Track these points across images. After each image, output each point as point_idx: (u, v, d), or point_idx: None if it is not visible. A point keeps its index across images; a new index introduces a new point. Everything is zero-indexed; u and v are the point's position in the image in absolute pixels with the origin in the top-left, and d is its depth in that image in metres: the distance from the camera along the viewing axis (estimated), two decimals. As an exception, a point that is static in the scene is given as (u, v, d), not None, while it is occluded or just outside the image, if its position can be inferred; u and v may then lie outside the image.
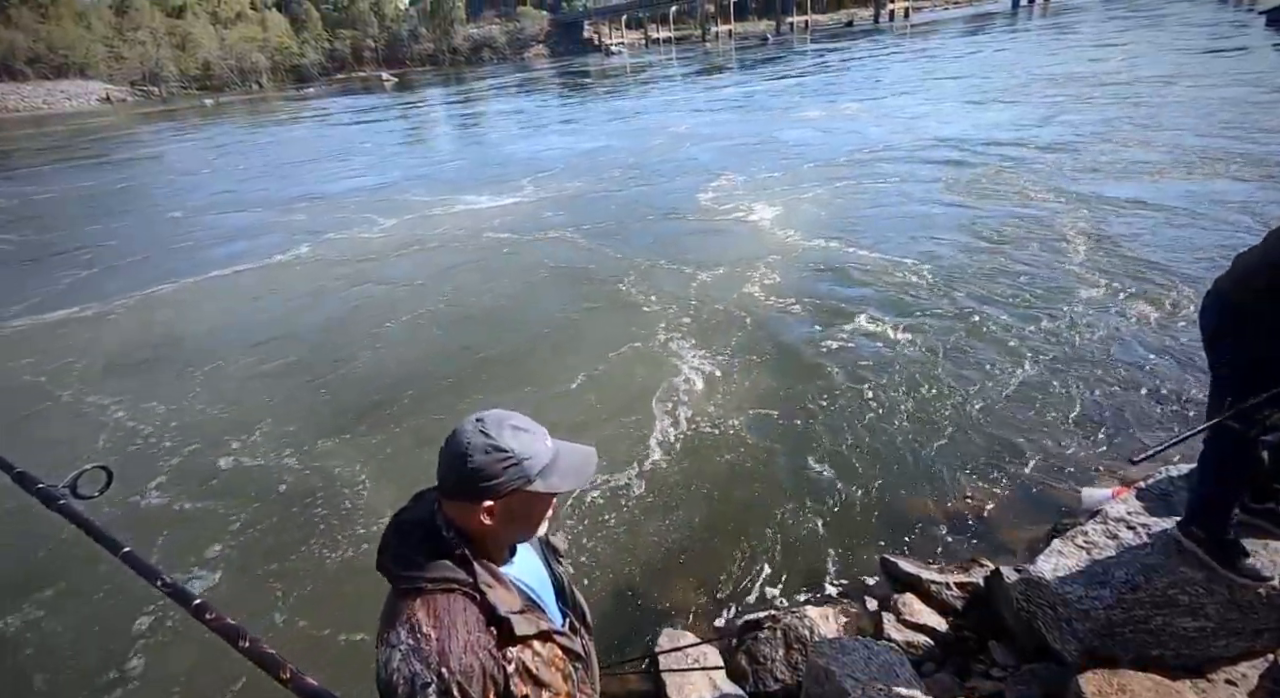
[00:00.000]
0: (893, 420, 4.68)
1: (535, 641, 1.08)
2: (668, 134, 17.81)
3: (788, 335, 6.12)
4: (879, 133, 14.46)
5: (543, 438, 1.08)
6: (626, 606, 3.38)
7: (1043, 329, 5.70)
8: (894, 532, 3.69)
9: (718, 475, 4.33)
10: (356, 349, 6.74)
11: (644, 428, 4.91)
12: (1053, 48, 26.95)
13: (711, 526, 3.89)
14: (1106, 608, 2.46)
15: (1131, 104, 13.93)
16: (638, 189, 12.33)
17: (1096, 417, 4.47)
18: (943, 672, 2.66)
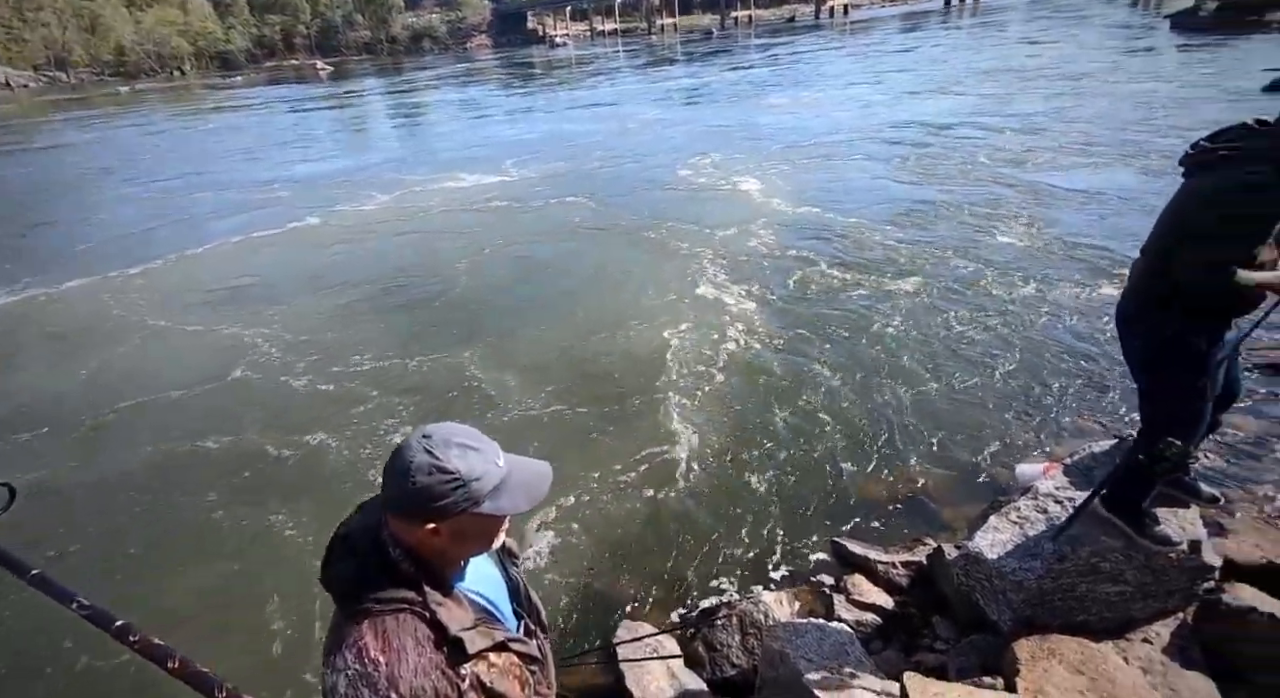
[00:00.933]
0: (840, 407, 4.83)
1: (490, 653, 1.05)
2: (635, 121, 17.95)
3: (745, 325, 6.27)
4: (835, 120, 15.20)
5: (493, 456, 1.04)
6: (585, 599, 3.39)
7: (979, 312, 5.99)
8: (844, 516, 3.82)
9: (673, 469, 4.37)
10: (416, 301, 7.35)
11: (602, 421, 4.92)
12: (984, 44, 28.14)
13: (668, 518, 3.93)
14: (1038, 578, 2.61)
15: (1056, 96, 14.88)
16: (621, 167, 12.81)
17: (1029, 397, 4.72)
18: (890, 648, 2.77)
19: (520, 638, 1.15)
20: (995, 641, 2.63)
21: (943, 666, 2.60)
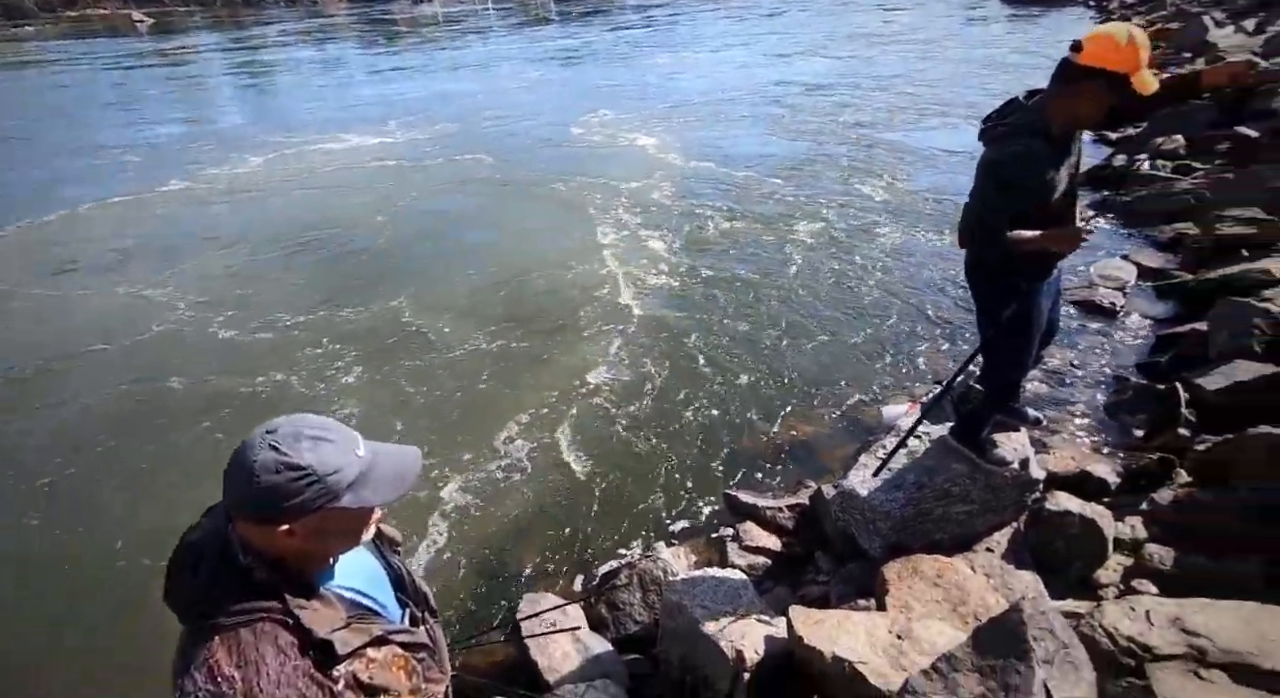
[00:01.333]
0: (730, 362, 5.04)
1: (369, 649, 1.00)
2: (518, 81, 17.30)
3: (644, 280, 6.41)
4: (717, 79, 15.68)
5: (351, 447, 0.98)
6: (487, 576, 3.36)
7: (851, 263, 6.46)
8: (735, 468, 4.02)
9: (570, 435, 4.38)
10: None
11: (496, 401, 4.81)
12: (845, 10, 29.47)
13: (565, 488, 3.95)
14: (901, 507, 2.90)
15: (910, 60, 16.12)
16: (513, 126, 12.52)
17: (894, 343, 5.16)
18: (780, 586, 2.99)
19: (404, 628, 1.11)
20: (868, 567, 2.90)
21: (825, 596, 2.85)
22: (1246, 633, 1.87)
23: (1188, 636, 1.94)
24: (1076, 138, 2.17)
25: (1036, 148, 2.03)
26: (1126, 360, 4.53)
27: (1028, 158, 2.03)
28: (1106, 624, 2.07)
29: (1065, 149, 2.11)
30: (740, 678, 2.07)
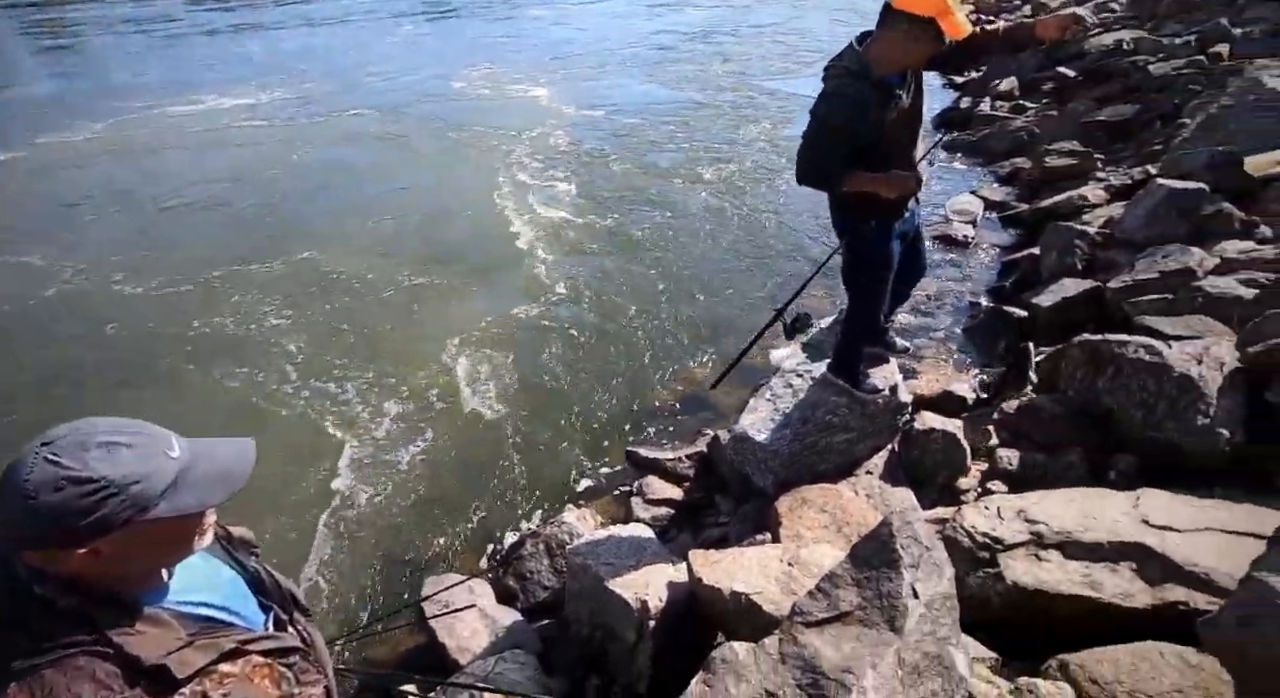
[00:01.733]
0: (626, 318, 5.05)
1: (221, 664, 0.91)
2: (388, 35, 16.12)
3: (542, 228, 6.38)
4: (599, 31, 15.52)
5: (158, 449, 0.86)
6: (386, 563, 3.22)
7: (736, 209, 6.67)
8: (636, 425, 4.06)
9: (465, 411, 4.24)
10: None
11: (380, 376, 4.55)
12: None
13: (464, 463, 3.83)
14: (789, 443, 3.05)
15: (781, 7, 16.49)
16: (394, 81, 11.97)
17: (777, 287, 5.36)
18: (683, 533, 3.09)
19: (266, 634, 1.03)
20: (762, 503, 3.05)
21: (725, 537, 2.97)
22: (1073, 514, 2.14)
23: (1029, 524, 2.20)
24: (910, 80, 2.23)
25: (861, 90, 2.09)
26: (979, 287, 4.98)
27: (850, 100, 2.10)
28: (966, 525, 2.29)
29: (893, 92, 2.17)
30: (646, 626, 2.12)
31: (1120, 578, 1.93)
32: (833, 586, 1.77)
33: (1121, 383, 2.70)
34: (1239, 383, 2.50)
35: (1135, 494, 2.24)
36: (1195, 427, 2.43)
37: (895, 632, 1.59)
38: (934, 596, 1.69)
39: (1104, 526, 2.08)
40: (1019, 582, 2.02)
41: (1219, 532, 1.98)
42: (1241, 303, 3.06)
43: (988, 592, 2.07)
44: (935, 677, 1.55)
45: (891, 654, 1.53)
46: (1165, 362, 2.60)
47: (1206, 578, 1.82)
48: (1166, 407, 2.52)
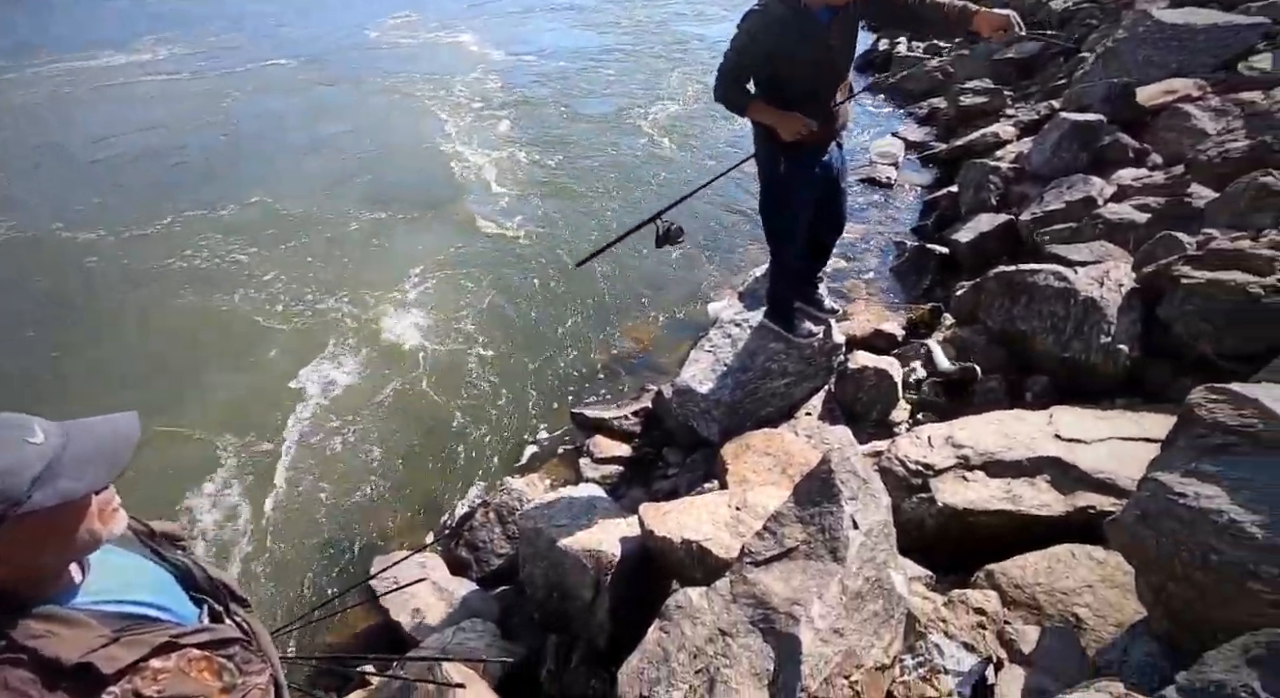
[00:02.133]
0: (561, 280, 4.96)
1: (151, 660, 0.87)
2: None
3: (468, 193, 6.22)
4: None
5: (17, 436, 0.79)
6: (334, 549, 3.12)
7: (673, 153, 6.63)
8: (580, 386, 4.03)
9: (402, 391, 4.09)
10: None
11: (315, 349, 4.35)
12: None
13: (407, 437, 3.72)
14: (731, 392, 3.10)
15: None
16: (306, 31, 11.60)
17: (708, 239, 5.36)
18: (634, 489, 3.12)
19: (200, 627, 1.00)
20: (710, 453, 3.11)
21: (675, 488, 3.02)
22: (994, 436, 2.28)
23: (956, 449, 2.32)
24: (841, 18, 2.20)
25: (784, 14, 2.07)
26: (903, 227, 5.13)
27: (770, 18, 2.08)
28: (899, 455, 2.41)
29: (818, 24, 2.14)
30: (601, 582, 2.14)
31: (1037, 490, 2.08)
32: (779, 525, 1.83)
33: (1034, 309, 2.86)
34: (1135, 302, 2.69)
35: (1049, 412, 2.40)
36: (1098, 345, 2.61)
37: (838, 562, 1.66)
38: (873, 524, 1.77)
39: (1022, 444, 2.22)
40: (949, 503, 2.14)
41: (1121, 440, 2.15)
42: (1136, 227, 3.27)
43: (922, 515, 2.20)
44: (877, 599, 1.64)
45: (835, 584, 1.60)
46: (1072, 287, 2.76)
47: (1111, 483, 1.98)
48: (1074, 329, 2.69)
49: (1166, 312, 2.57)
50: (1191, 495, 1.32)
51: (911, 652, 1.70)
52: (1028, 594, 1.78)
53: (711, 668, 1.52)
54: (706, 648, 1.57)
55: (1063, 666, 1.53)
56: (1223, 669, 0.98)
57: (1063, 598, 1.72)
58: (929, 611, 1.77)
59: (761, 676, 1.47)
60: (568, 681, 2.10)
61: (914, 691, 1.60)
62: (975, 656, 1.64)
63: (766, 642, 1.53)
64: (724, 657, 1.53)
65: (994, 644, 1.66)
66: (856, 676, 1.49)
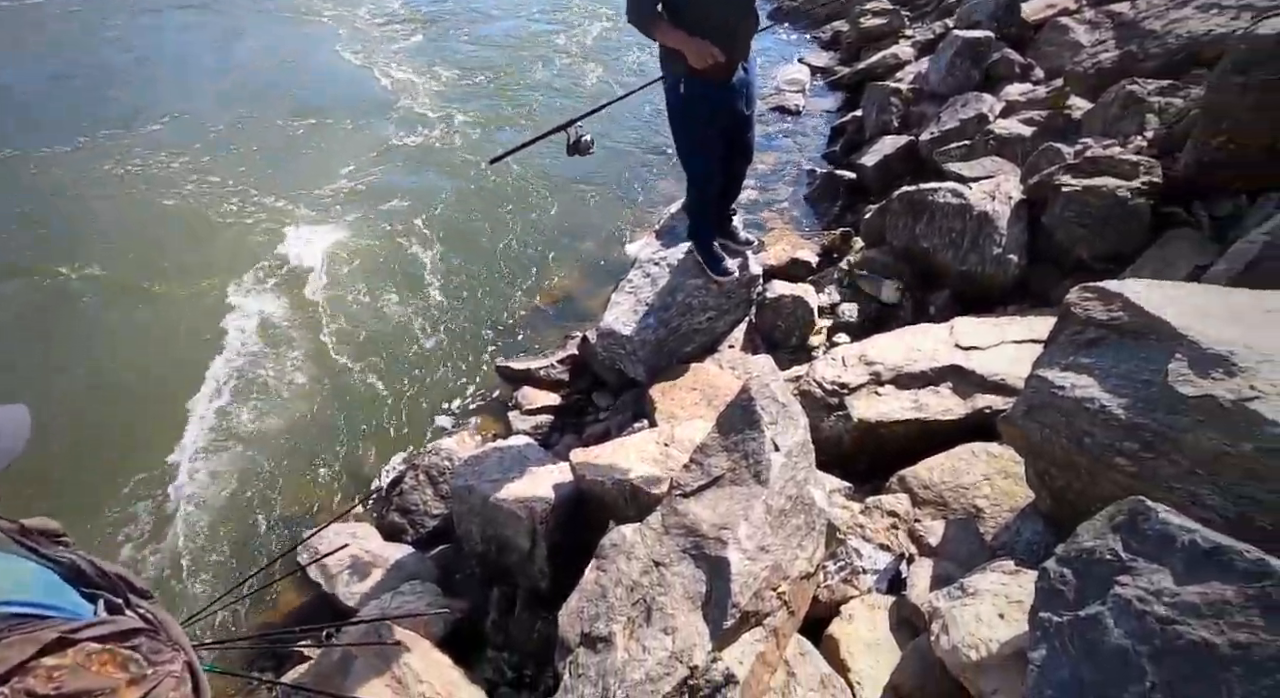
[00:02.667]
0: (477, 229, 4.76)
1: (44, 657, 0.83)
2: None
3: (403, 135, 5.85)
4: None
5: None
6: (259, 529, 2.98)
7: (583, 83, 6.36)
8: (504, 339, 3.93)
9: (315, 356, 3.86)
10: None
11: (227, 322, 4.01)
12: None
13: (324, 408, 3.54)
14: (655, 331, 3.10)
15: None
16: None
17: (623, 179, 5.23)
18: (566, 436, 3.11)
19: (96, 620, 0.96)
20: (639, 392, 3.13)
21: (607, 430, 3.04)
22: (901, 350, 2.40)
23: (869, 366, 2.44)
24: None
25: None
26: (814, 153, 5.17)
27: None
28: (817, 377, 2.50)
29: None
30: (537, 530, 2.15)
31: (941, 398, 2.22)
32: (704, 456, 1.87)
33: (935, 226, 2.98)
34: (1023, 213, 2.84)
35: (950, 324, 2.54)
36: (991, 257, 2.76)
37: (762, 485, 1.73)
38: (792, 445, 1.84)
39: (926, 355, 2.35)
40: (863, 418, 2.26)
41: (1013, 343, 2.31)
42: (1023, 140, 3.43)
43: (839, 432, 2.31)
44: (799, 514, 1.73)
45: (760, 505, 1.67)
46: (967, 202, 2.88)
47: (1004, 383, 2.14)
48: (970, 242, 2.83)
49: (1049, 219, 2.73)
50: (1069, 387, 1.43)
51: (833, 558, 1.81)
52: (934, 493, 1.92)
53: (648, 598, 1.56)
54: (642, 580, 1.61)
55: (965, 552, 1.68)
56: (1092, 537, 1.09)
57: (964, 493, 1.87)
58: (847, 518, 1.88)
59: (695, 599, 1.53)
60: (513, 629, 2.13)
61: (836, 592, 1.71)
62: (890, 554, 1.77)
63: (698, 567, 1.58)
64: (659, 586, 1.58)
65: (906, 542, 1.80)
66: (783, 587, 1.58)
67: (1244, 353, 1.20)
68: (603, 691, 1.43)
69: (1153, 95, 2.96)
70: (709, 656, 1.43)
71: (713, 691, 1.40)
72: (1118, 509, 1.08)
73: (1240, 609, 0.87)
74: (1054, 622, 1.05)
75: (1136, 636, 0.93)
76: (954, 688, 1.29)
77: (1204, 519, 1.08)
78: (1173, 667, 0.89)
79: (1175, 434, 1.21)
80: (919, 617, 1.52)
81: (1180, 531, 0.98)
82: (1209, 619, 0.89)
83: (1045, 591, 1.10)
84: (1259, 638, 0.84)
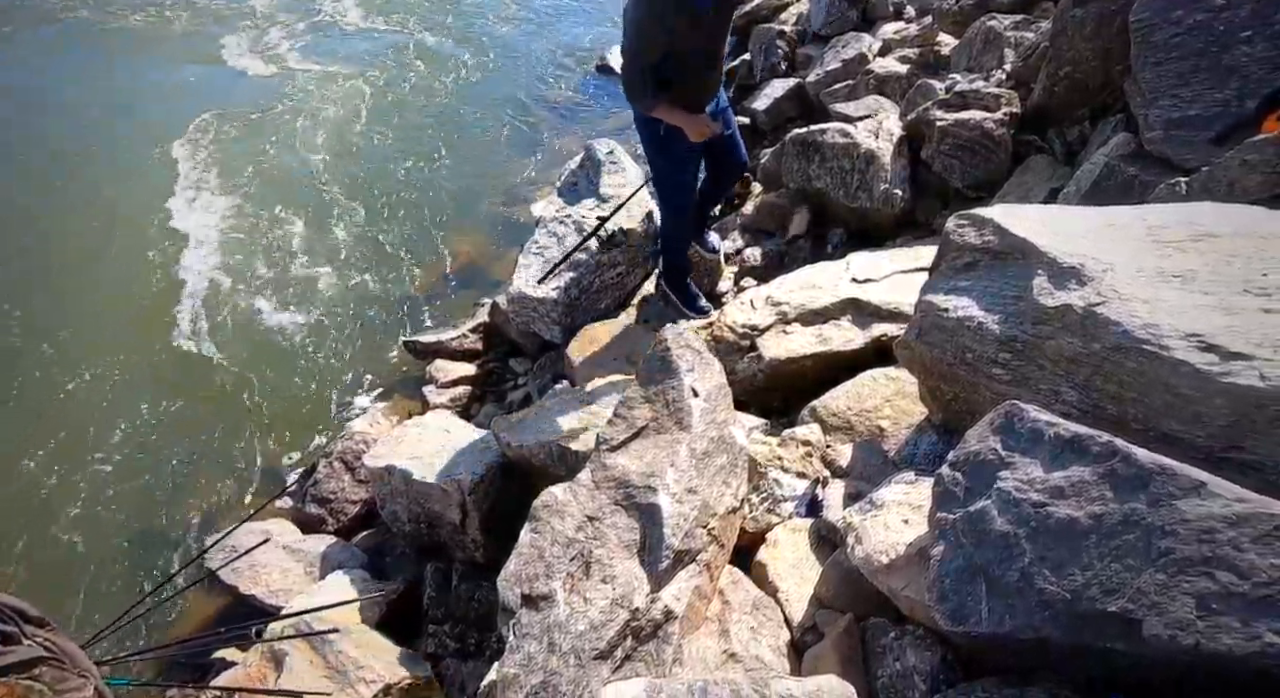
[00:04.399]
0: (375, 198, 4.43)
1: None
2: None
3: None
4: None
5: None
6: (165, 539, 2.78)
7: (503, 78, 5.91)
8: (409, 315, 3.76)
9: (209, 358, 3.53)
10: None
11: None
12: None
13: (224, 402, 3.29)
14: (565, 291, 3.07)
15: None
16: None
17: (519, 139, 5.04)
18: (487, 405, 3.06)
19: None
20: (557, 355, 3.10)
21: (528, 396, 3.01)
22: (805, 289, 2.51)
23: (775, 307, 2.53)
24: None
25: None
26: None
27: (659, 5, 1.99)
28: (728, 322, 2.57)
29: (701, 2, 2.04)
30: (466, 503, 2.13)
31: (841, 330, 2.35)
32: (627, 409, 1.89)
33: (826, 167, 3.09)
34: (904, 149, 2.99)
35: (846, 260, 2.67)
36: (879, 192, 2.90)
37: (684, 430, 1.78)
38: (710, 389, 1.90)
39: (827, 291, 2.47)
40: (774, 356, 2.36)
41: (903, 273, 2.46)
42: (900, 78, 3.58)
43: (753, 372, 2.40)
44: (722, 454, 1.80)
45: (685, 449, 1.72)
46: (854, 141, 2.99)
47: (897, 311, 2.29)
48: (858, 180, 2.96)
49: (928, 153, 2.90)
50: (951, 309, 1.55)
51: (756, 490, 1.91)
52: (842, 419, 2.05)
53: (585, 552, 1.60)
54: (577, 536, 1.63)
55: (872, 469, 1.82)
56: (976, 441, 1.21)
57: (868, 416, 2.02)
58: (766, 453, 1.98)
59: (630, 547, 1.58)
60: (451, 602, 2.12)
61: (761, 522, 1.82)
62: (806, 481, 1.89)
63: (631, 517, 1.62)
64: (595, 540, 1.61)
65: (820, 467, 1.93)
66: (712, 523, 1.65)
67: (1091, 264, 1.34)
68: (548, 645, 1.46)
69: (1009, 30, 3.16)
70: (648, 597, 1.49)
71: (654, 628, 1.47)
72: (996, 413, 1.20)
73: (1094, 485, 1.00)
74: (948, 519, 1.17)
75: (1015, 521, 1.06)
76: (866, 591, 1.42)
77: (1064, 414, 1.22)
78: (1045, 543, 1.01)
79: (1040, 342, 1.35)
80: (835, 534, 1.65)
81: (1046, 426, 1.11)
82: (1071, 498, 1.02)
83: (940, 493, 1.22)
84: (1109, 508, 0.98)
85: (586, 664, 1.40)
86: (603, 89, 5.55)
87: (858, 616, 1.43)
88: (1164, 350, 1.11)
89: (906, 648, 1.23)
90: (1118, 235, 1.47)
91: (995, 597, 1.04)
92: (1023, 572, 1.02)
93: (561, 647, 1.43)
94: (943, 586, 1.12)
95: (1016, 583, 1.02)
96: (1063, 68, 2.53)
